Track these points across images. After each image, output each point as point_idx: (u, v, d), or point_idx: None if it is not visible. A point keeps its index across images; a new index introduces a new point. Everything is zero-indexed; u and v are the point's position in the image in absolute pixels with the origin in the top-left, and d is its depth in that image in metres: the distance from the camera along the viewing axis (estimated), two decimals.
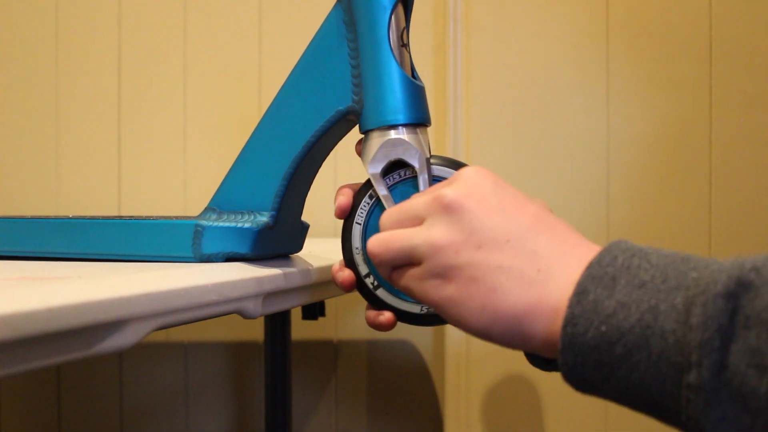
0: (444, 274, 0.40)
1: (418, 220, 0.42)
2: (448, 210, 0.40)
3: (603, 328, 0.34)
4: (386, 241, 0.43)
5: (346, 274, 0.50)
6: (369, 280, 0.51)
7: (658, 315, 0.33)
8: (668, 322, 0.33)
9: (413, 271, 0.42)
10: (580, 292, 0.35)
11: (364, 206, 0.51)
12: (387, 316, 0.50)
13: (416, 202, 0.43)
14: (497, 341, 0.39)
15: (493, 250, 0.38)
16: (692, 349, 0.31)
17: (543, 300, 0.37)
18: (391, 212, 0.45)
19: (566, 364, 0.36)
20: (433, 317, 0.50)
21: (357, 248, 0.51)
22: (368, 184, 0.51)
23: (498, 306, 0.38)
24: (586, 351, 0.35)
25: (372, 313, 0.50)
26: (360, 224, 0.51)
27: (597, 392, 0.36)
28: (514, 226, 0.39)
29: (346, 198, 0.51)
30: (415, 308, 0.50)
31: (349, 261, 0.51)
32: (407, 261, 0.42)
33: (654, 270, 0.35)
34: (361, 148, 0.51)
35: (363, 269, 0.51)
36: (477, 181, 0.41)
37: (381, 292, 0.50)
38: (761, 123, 1.07)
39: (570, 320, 0.35)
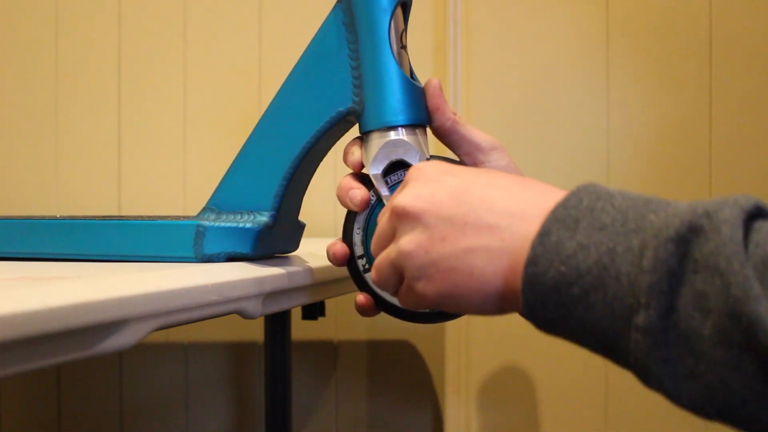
0: (424, 274, 0.41)
1: (391, 237, 0.44)
2: (405, 217, 0.42)
3: (562, 269, 0.35)
4: (377, 268, 0.45)
5: (339, 246, 0.52)
6: (361, 262, 0.51)
7: (615, 257, 0.34)
8: (624, 264, 0.33)
9: (403, 286, 0.44)
10: (543, 233, 0.36)
11: (372, 197, 0.51)
12: (365, 296, 0.51)
13: (382, 223, 0.45)
14: (493, 314, 0.41)
15: (457, 238, 0.40)
16: (642, 292, 0.32)
17: (514, 263, 0.38)
18: (374, 239, 0.46)
19: (527, 303, 0.37)
20: (412, 314, 0.51)
21: (358, 228, 0.52)
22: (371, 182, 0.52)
23: (480, 286, 0.39)
24: (546, 290, 0.35)
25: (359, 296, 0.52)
26: (370, 204, 0.51)
27: (557, 332, 0.37)
28: (467, 208, 0.40)
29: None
30: (395, 299, 0.51)
31: (347, 238, 0.52)
32: (399, 278, 0.44)
33: (615, 212, 0.35)
34: (347, 154, 0.52)
35: (359, 250, 0.52)
36: (421, 179, 0.43)
37: (368, 277, 0.51)
38: (761, 123, 1.07)
39: (532, 260, 0.36)
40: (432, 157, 0.51)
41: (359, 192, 0.51)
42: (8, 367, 0.33)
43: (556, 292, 0.35)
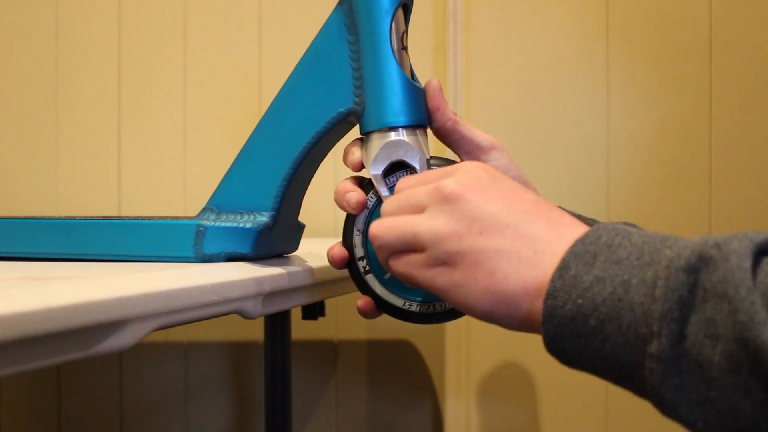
0: (448, 260, 0.41)
1: (419, 208, 0.43)
2: (449, 200, 0.42)
3: (579, 301, 0.36)
4: (389, 226, 0.44)
5: (337, 249, 0.52)
6: (362, 264, 0.51)
7: (630, 288, 0.35)
8: (638, 295, 0.34)
9: (415, 258, 0.43)
10: (563, 267, 0.37)
11: (371, 198, 0.51)
12: (365, 300, 0.51)
13: (418, 191, 0.44)
14: (502, 323, 0.41)
15: (494, 235, 0.40)
16: (654, 320, 0.33)
17: (538, 279, 0.38)
18: (393, 199, 0.46)
19: (547, 335, 0.37)
20: (413, 315, 0.51)
21: (358, 230, 0.52)
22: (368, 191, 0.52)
23: (498, 288, 0.39)
24: (564, 322, 0.36)
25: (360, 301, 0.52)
26: (368, 208, 0.52)
27: (577, 364, 0.37)
28: (514, 212, 0.41)
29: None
30: (398, 301, 0.51)
31: (347, 240, 0.52)
32: (408, 247, 0.43)
33: (632, 248, 0.36)
34: (347, 154, 0.52)
35: (359, 251, 0.52)
36: (476, 173, 0.43)
37: (369, 278, 0.51)
38: (761, 123, 1.07)
39: (551, 293, 0.37)
40: (432, 158, 0.51)
41: (355, 194, 0.51)
42: (8, 367, 0.33)
43: (573, 324, 0.36)
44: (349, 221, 0.52)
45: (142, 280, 0.42)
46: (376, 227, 0.45)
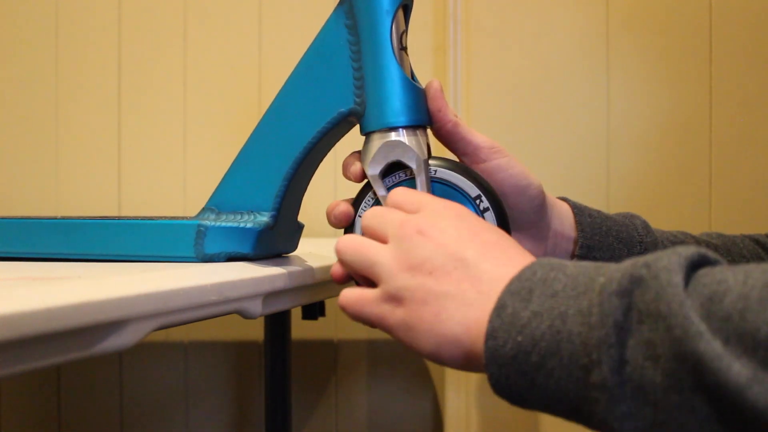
0: (397, 296, 0.42)
1: (386, 237, 0.44)
2: (409, 237, 0.42)
3: (519, 338, 0.35)
4: (355, 246, 0.45)
5: (343, 206, 0.52)
6: None
7: (567, 319, 0.34)
8: (575, 325, 0.34)
9: (368, 294, 0.44)
10: (500, 306, 0.37)
11: (369, 200, 0.52)
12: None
13: (391, 219, 0.45)
14: (448, 363, 0.41)
15: (443, 277, 0.40)
16: (593, 348, 0.32)
17: (480, 319, 0.38)
18: (375, 215, 0.46)
19: (492, 376, 0.37)
20: None
21: None
22: (368, 189, 0.52)
23: (441, 329, 0.40)
24: (507, 362, 0.36)
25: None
26: (362, 217, 0.52)
27: (526, 403, 0.37)
28: (465, 253, 0.41)
29: (345, 208, 0.52)
30: None
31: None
32: (363, 273, 0.45)
33: (567, 279, 0.36)
34: (347, 166, 0.53)
35: None
36: (442, 212, 0.44)
37: None
38: (761, 123, 1.07)
39: (491, 333, 0.37)
40: (432, 158, 0.51)
41: (341, 206, 0.52)
42: (8, 367, 0.33)
43: (516, 362, 0.35)
44: (348, 233, 0.52)
45: (142, 280, 0.42)
46: (344, 242, 0.46)
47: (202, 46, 1.17)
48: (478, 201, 0.50)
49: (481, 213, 0.50)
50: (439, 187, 0.51)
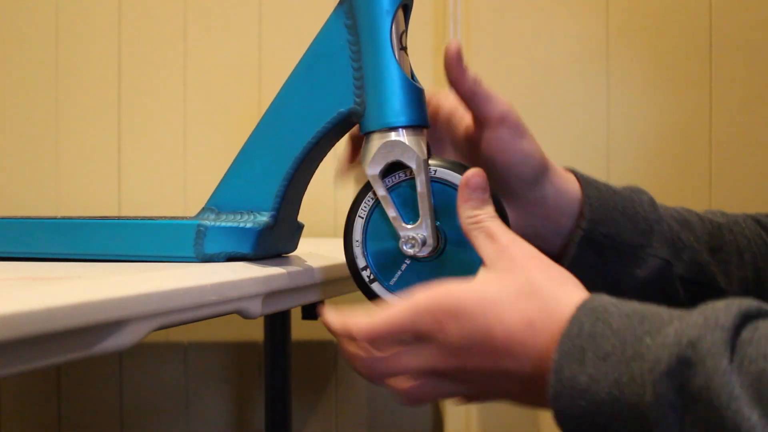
0: (448, 378, 0.44)
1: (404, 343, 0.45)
2: (441, 376, 0.44)
3: (582, 404, 0.37)
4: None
5: (454, 44, 0.52)
6: (365, 273, 0.52)
7: (623, 387, 0.36)
8: (631, 395, 0.36)
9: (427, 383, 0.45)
10: (557, 369, 0.38)
11: (368, 201, 0.52)
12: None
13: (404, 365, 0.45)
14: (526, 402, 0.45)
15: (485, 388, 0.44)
16: (653, 425, 0.34)
17: (537, 381, 0.41)
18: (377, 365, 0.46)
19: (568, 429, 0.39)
20: None
21: (357, 241, 0.52)
22: (369, 188, 0.52)
23: (512, 400, 0.44)
24: (577, 421, 0.38)
25: None
26: (362, 218, 0.52)
27: None
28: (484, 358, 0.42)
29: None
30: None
31: (348, 253, 0.52)
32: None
33: (614, 338, 0.37)
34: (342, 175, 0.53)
35: (361, 262, 0.52)
36: (429, 338, 0.43)
37: (375, 286, 0.51)
38: (761, 123, 1.07)
39: (554, 397, 0.38)
40: (431, 158, 0.51)
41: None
42: (8, 367, 0.33)
43: (586, 422, 0.38)
44: (348, 234, 0.52)
45: (142, 280, 0.42)
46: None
47: (202, 47, 1.17)
48: None
49: None
50: (439, 187, 0.51)
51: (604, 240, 0.56)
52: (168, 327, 0.43)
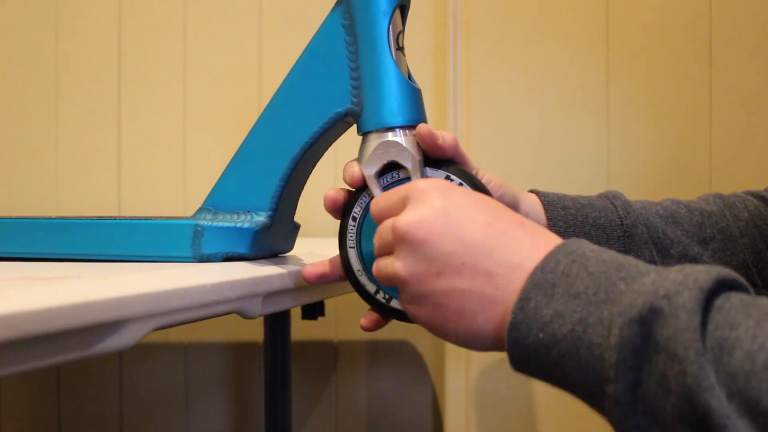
0: (416, 301, 0.43)
1: (392, 249, 0.45)
2: (404, 241, 0.43)
3: (540, 335, 0.37)
4: (377, 270, 0.46)
5: (332, 192, 0.52)
6: (380, 296, 0.51)
7: (587, 327, 0.36)
8: (595, 336, 0.36)
9: (401, 295, 0.45)
10: (523, 298, 0.38)
11: (363, 201, 0.51)
12: (367, 320, 0.52)
13: (385, 234, 0.45)
14: (477, 350, 0.43)
15: (452, 276, 0.41)
16: (611, 366, 0.34)
17: (504, 315, 0.40)
18: (375, 246, 0.46)
19: (514, 360, 0.39)
20: None
21: (359, 270, 0.52)
22: (363, 189, 0.52)
23: (469, 329, 0.41)
24: (528, 353, 0.38)
25: (363, 320, 0.53)
26: (353, 248, 0.52)
27: (542, 381, 0.39)
28: (467, 246, 0.41)
29: (334, 193, 0.53)
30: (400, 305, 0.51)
31: (355, 284, 0.52)
32: (395, 285, 0.45)
33: (588, 280, 0.37)
34: (348, 169, 0.52)
35: (371, 288, 0.52)
36: (425, 203, 0.43)
37: (395, 303, 0.51)
38: (761, 123, 1.07)
39: (513, 325, 0.38)
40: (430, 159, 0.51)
41: (330, 192, 0.52)
42: (8, 367, 0.33)
43: (536, 354, 0.38)
44: (342, 239, 0.52)
45: (142, 280, 0.42)
46: (375, 273, 0.47)
47: (202, 46, 1.17)
48: None
49: None
50: None
51: None
52: (168, 327, 0.43)
